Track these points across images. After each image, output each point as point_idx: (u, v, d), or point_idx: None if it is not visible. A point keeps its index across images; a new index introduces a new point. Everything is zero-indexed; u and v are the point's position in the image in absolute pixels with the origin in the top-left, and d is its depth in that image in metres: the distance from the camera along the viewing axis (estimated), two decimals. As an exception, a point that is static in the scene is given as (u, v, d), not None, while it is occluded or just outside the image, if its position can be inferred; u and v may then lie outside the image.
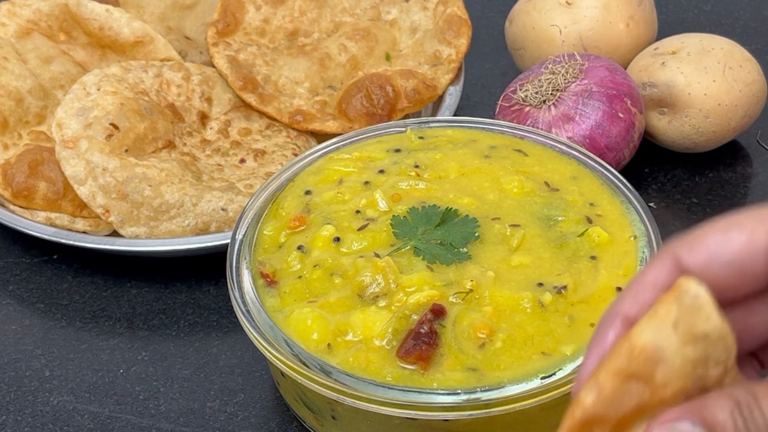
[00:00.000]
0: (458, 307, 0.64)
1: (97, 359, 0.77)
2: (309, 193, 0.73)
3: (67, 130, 0.82)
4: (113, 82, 0.85)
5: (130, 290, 0.82)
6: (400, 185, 0.72)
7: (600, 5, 0.92)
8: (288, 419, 0.72)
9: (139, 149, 0.83)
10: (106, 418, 0.73)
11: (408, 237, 0.68)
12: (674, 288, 0.42)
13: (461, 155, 0.74)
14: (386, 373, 0.61)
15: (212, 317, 0.80)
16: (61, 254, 0.85)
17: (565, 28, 0.92)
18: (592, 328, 0.63)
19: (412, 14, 0.95)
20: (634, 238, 0.69)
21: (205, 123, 0.89)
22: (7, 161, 0.84)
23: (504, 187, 0.72)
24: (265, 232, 0.71)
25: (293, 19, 0.95)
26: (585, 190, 0.73)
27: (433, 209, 0.69)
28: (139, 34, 0.92)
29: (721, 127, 0.86)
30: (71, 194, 0.82)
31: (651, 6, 0.95)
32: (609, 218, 0.70)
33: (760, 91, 0.87)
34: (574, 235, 0.68)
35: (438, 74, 0.91)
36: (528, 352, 0.62)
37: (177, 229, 0.81)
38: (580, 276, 0.66)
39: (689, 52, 0.86)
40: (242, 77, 0.90)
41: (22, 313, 0.81)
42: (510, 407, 0.60)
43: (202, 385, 0.75)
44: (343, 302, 0.65)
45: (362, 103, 0.88)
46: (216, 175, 0.85)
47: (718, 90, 0.85)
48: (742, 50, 0.88)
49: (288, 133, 0.89)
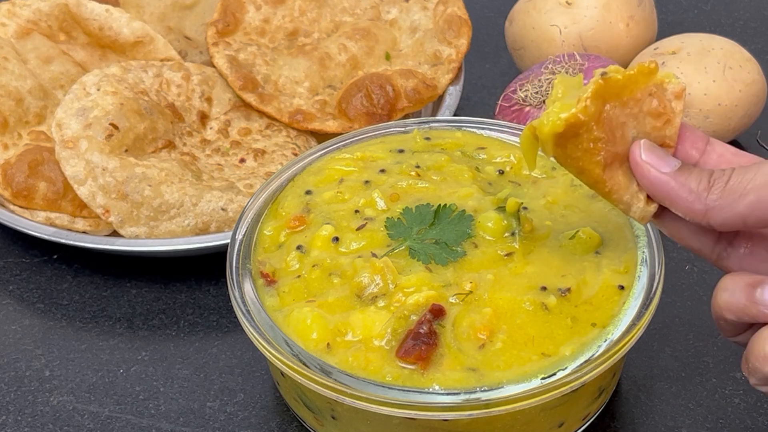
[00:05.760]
0: (457, 308, 0.64)
1: (97, 359, 0.77)
2: (309, 192, 0.73)
3: (67, 130, 0.82)
4: (113, 82, 0.86)
5: (130, 290, 0.82)
6: (400, 185, 0.72)
7: (600, 5, 0.92)
8: (288, 419, 0.72)
9: (139, 149, 0.83)
10: (106, 418, 0.73)
11: (403, 237, 0.68)
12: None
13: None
14: (386, 373, 0.61)
15: (212, 317, 0.80)
16: (61, 254, 0.85)
17: (565, 28, 0.92)
18: (593, 328, 0.63)
19: (412, 14, 0.95)
20: (634, 238, 0.69)
21: (205, 123, 0.89)
22: (7, 161, 0.84)
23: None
24: (265, 231, 0.71)
25: (293, 19, 0.95)
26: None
27: (426, 208, 0.69)
28: (139, 34, 0.93)
29: (721, 127, 0.86)
30: (71, 194, 0.82)
31: (651, 6, 0.95)
32: (608, 218, 0.70)
33: (760, 91, 0.87)
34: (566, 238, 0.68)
35: (438, 74, 0.91)
36: (528, 353, 0.62)
37: (177, 229, 0.81)
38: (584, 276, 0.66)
39: (689, 52, 0.86)
40: (242, 77, 0.90)
41: (22, 313, 0.81)
42: (510, 407, 0.60)
43: (202, 385, 0.75)
44: (341, 302, 0.65)
45: (362, 103, 0.88)
46: (216, 175, 0.85)
47: (718, 90, 0.85)
48: (742, 50, 0.88)
49: (288, 133, 0.89)
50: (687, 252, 0.82)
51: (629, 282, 0.66)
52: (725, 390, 0.72)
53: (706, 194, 0.56)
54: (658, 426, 0.70)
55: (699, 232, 0.60)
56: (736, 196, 0.55)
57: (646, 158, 0.58)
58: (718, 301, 0.58)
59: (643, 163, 0.58)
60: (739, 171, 0.56)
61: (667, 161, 0.58)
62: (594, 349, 0.62)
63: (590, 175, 0.58)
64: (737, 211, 0.55)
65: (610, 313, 0.64)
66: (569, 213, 0.70)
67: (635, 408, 0.71)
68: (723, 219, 0.56)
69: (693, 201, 0.56)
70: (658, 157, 0.58)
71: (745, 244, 0.59)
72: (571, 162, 0.58)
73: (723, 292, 0.57)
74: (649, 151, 0.58)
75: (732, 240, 0.59)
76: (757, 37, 1.06)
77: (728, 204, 0.55)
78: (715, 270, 0.62)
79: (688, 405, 0.71)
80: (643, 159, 0.58)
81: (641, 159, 0.58)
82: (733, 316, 0.57)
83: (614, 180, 0.58)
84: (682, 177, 0.57)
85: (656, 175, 0.57)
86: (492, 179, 0.74)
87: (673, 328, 0.76)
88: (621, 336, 0.63)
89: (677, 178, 0.57)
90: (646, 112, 0.58)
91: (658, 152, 0.58)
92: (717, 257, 0.60)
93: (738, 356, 0.72)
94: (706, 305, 0.77)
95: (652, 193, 0.58)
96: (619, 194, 0.59)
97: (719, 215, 0.56)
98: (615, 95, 0.57)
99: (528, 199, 0.71)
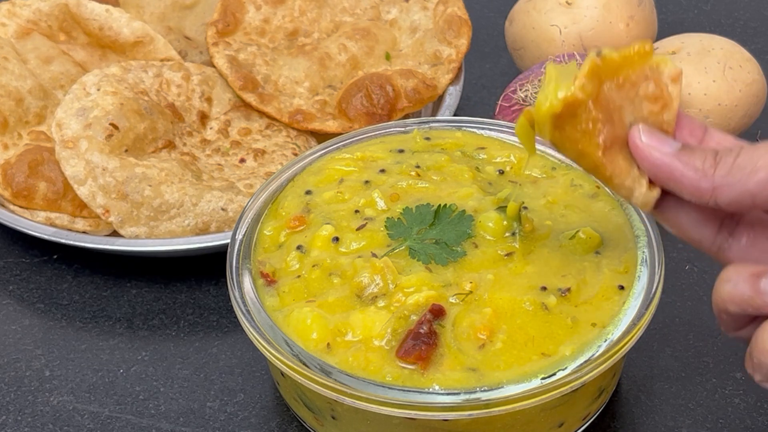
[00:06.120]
0: (457, 308, 0.64)
1: (97, 359, 0.77)
2: (309, 192, 0.73)
3: (67, 130, 0.82)
4: (113, 82, 0.86)
5: (130, 290, 0.82)
6: (400, 185, 0.72)
7: (600, 5, 0.92)
8: (288, 419, 0.72)
9: (139, 149, 0.83)
10: (106, 418, 0.73)
11: (403, 237, 0.68)
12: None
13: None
14: (386, 373, 0.61)
15: (212, 317, 0.80)
16: (61, 254, 0.85)
17: (565, 28, 0.92)
18: (593, 328, 0.63)
19: (412, 14, 0.95)
20: (634, 238, 0.69)
21: (205, 123, 0.89)
22: (7, 161, 0.84)
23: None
24: (265, 231, 0.71)
25: (293, 19, 0.95)
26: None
27: (426, 208, 0.69)
28: (139, 34, 0.93)
29: (721, 127, 0.86)
30: (71, 194, 0.82)
31: (651, 6, 0.95)
32: (608, 218, 0.70)
33: (760, 91, 0.87)
34: (566, 238, 0.68)
35: (438, 74, 0.91)
36: (528, 353, 0.62)
37: (177, 229, 0.81)
38: (584, 276, 0.66)
39: (689, 52, 0.86)
40: (242, 77, 0.90)
41: (22, 313, 0.81)
42: (510, 407, 0.60)
43: (202, 385, 0.75)
44: (341, 302, 0.65)
45: (362, 103, 0.88)
46: (216, 175, 0.85)
47: (718, 90, 0.85)
48: (742, 50, 0.88)
49: (288, 133, 0.89)
50: (687, 252, 0.82)
51: (629, 282, 0.66)
52: (725, 390, 0.72)
53: (713, 171, 0.55)
54: (658, 426, 0.70)
55: (700, 222, 0.58)
56: (746, 172, 0.54)
57: (646, 140, 0.57)
58: (720, 292, 0.56)
59: (644, 145, 0.56)
60: (748, 148, 0.55)
61: (669, 142, 0.57)
62: (594, 349, 0.62)
63: (590, 159, 0.57)
64: (747, 188, 0.54)
65: (610, 313, 0.64)
66: (569, 213, 0.70)
67: (635, 408, 0.71)
68: (731, 197, 0.55)
69: (699, 179, 0.55)
70: (659, 139, 0.57)
71: (747, 234, 0.58)
72: (569, 145, 0.57)
73: (726, 284, 0.55)
74: (649, 133, 0.57)
75: (733, 231, 0.58)
76: (757, 37, 1.06)
77: (737, 181, 0.54)
78: (715, 270, 0.61)
79: (688, 405, 0.71)
80: (643, 141, 0.57)
81: (641, 142, 0.57)
82: (737, 308, 0.55)
83: (615, 164, 0.57)
84: (685, 156, 0.56)
85: (659, 156, 0.56)
86: (492, 179, 0.74)
87: (673, 328, 0.76)
88: (621, 336, 0.63)
89: (681, 157, 0.56)
90: (642, 96, 0.57)
91: (657, 134, 0.57)
92: (718, 249, 0.59)
93: (738, 357, 0.72)
94: (706, 305, 0.77)
95: (655, 175, 0.57)
96: (621, 179, 0.58)
97: (728, 193, 0.55)
98: (611, 74, 0.56)
99: (528, 199, 0.71)
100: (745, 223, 0.58)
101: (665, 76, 0.58)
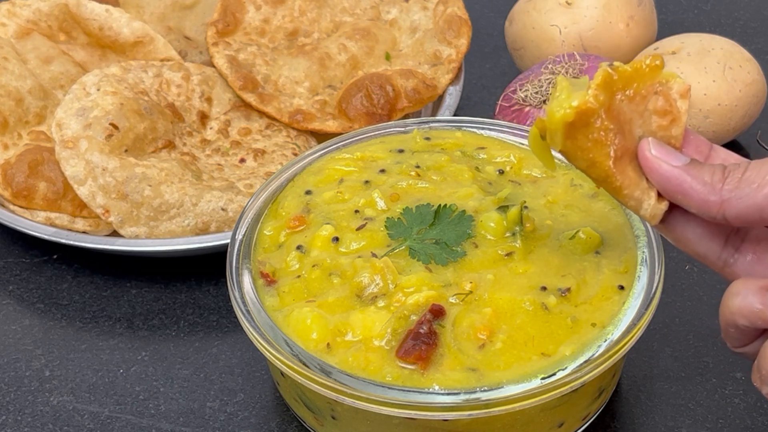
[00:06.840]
0: (457, 308, 0.64)
1: (97, 359, 0.77)
2: (309, 192, 0.73)
3: (67, 130, 0.82)
4: (113, 82, 0.86)
5: (130, 290, 0.82)
6: (400, 185, 0.72)
7: (600, 5, 0.92)
8: (288, 419, 0.72)
9: (138, 149, 0.83)
10: (106, 418, 0.73)
11: (403, 237, 0.68)
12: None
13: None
14: (386, 373, 0.61)
15: (212, 317, 0.80)
16: (61, 254, 0.85)
17: (565, 28, 0.92)
18: (593, 328, 0.63)
19: (412, 14, 0.95)
20: (634, 238, 0.69)
21: (205, 123, 0.89)
22: (7, 161, 0.84)
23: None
24: (265, 231, 0.71)
25: (293, 19, 0.95)
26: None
27: (427, 208, 0.69)
28: (139, 34, 0.93)
29: (721, 127, 0.86)
30: (71, 194, 0.82)
31: (651, 6, 0.95)
32: (608, 218, 0.70)
33: (760, 91, 0.87)
34: (566, 238, 0.68)
35: (438, 74, 0.92)
36: (528, 353, 0.62)
37: (177, 229, 0.81)
38: (584, 276, 0.66)
39: (689, 52, 0.86)
40: (242, 77, 0.90)
41: (22, 313, 0.81)
42: (510, 407, 0.60)
43: (202, 385, 0.75)
44: (341, 302, 0.65)
45: (362, 103, 0.88)
46: (216, 175, 0.85)
47: (718, 90, 0.85)
48: (742, 50, 0.88)
49: (288, 133, 0.89)
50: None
51: (629, 282, 0.66)
52: (725, 390, 0.72)
53: (721, 185, 0.55)
54: (658, 426, 0.70)
55: (705, 237, 0.59)
56: (754, 187, 0.54)
57: (656, 153, 0.57)
58: (729, 306, 0.56)
59: (654, 157, 0.57)
60: (756, 163, 0.55)
61: (678, 156, 0.57)
62: (594, 349, 0.62)
63: (601, 168, 0.58)
64: (755, 201, 0.54)
65: (610, 313, 0.64)
66: (569, 213, 0.70)
67: (635, 408, 0.71)
68: (739, 211, 0.55)
69: (708, 192, 0.55)
70: (668, 152, 0.57)
71: (753, 250, 0.58)
72: (581, 154, 0.58)
73: (735, 297, 0.56)
74: (659, 146, 0.57)
75: (739, 246, 0.59)
76: (757, 37, 1.06)
77: (745, 195, 0.55)
78: (715, 272, 0.61)
79: (688, 405, 0.71)
80: (653, 154, 0.57)
81: (651, 154, 0.57)
82: (747, 322, 0.55)
83: (625, 174, 0.58)
84: (694, 170, 0.56)
85: (668, 168, 0.57)
86: (492, 179, 0.74)
87: (673, 328, 0.76)
88: (621, 336, 0.63)
89: (689, 170, 0.56)
90: (651, 110, 0.58)
91: (666, 148, 0.57)
92: (723, 264, 0.59)
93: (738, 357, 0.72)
94: (706, 305, 0.77)
95: (664, 188, 0.57)
96: (630, 189, 0.58)
97: (735, 207, 0.55)
98: (622, 86, 0.57)
99: (528, 199, 0.71)
100: (750, 239, 0.59)
101: (674, 92, 0.58)
